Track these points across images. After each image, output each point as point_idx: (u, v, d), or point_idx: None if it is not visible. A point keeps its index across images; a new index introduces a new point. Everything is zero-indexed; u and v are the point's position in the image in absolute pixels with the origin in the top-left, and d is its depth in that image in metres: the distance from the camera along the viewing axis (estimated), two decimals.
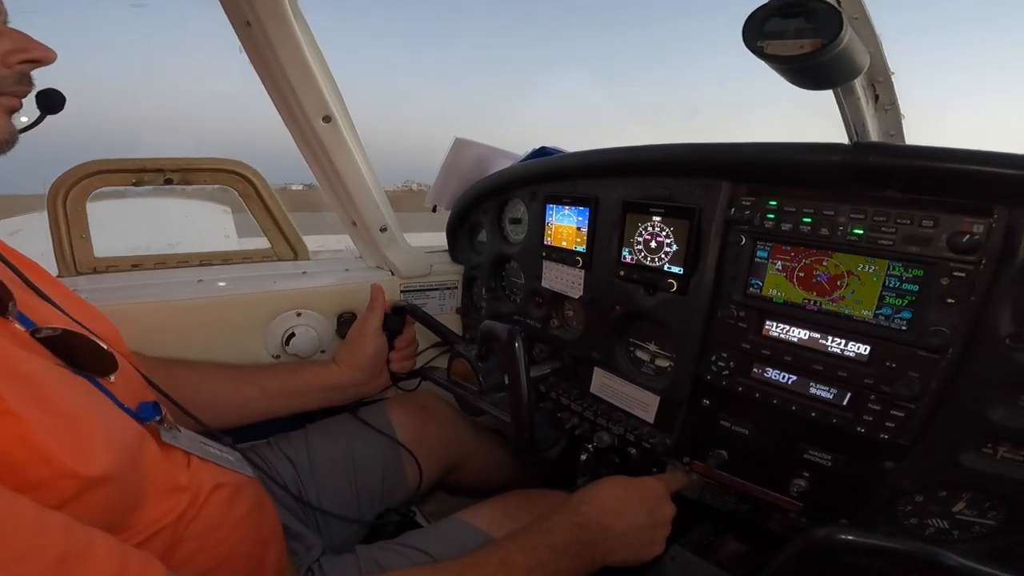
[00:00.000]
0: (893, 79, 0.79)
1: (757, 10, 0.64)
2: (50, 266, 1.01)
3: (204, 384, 0.97)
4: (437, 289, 1.34)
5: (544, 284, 1.09)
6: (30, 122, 0.63)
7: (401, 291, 1.28)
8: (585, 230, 0.97)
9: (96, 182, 1.02)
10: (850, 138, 0.82)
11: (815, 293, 0.72)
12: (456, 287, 1.37)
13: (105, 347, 0.64)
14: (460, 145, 1.27)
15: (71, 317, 0.66)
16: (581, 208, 0.97)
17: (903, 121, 0.84)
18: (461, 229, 1.34)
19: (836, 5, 0.75)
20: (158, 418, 0.71)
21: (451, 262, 1.38)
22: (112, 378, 0.66)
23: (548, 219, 1.04)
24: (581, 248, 0.98)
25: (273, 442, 1.07)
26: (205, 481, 0.71)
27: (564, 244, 1.02)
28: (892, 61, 0.76)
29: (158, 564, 0.48)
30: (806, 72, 0.63)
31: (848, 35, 0.62)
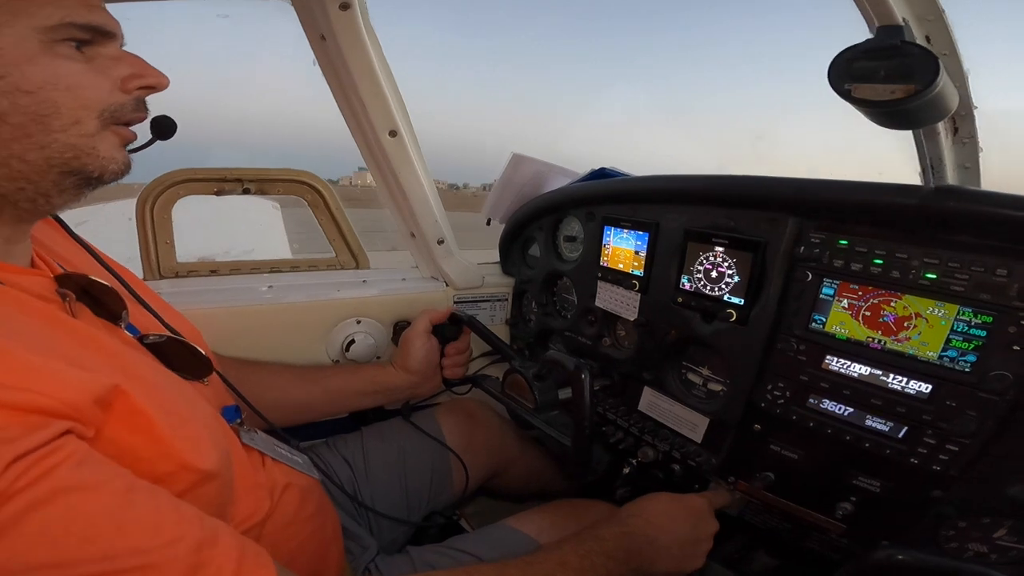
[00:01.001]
0: (975, 112, 0.78)
1: (845, 51, 0.63)
2: (135, 268, 1.08)
3: (272, 384, 1.02)
4: (488, 300, 1.37)
5: (598, 303, 1.10)
6: (139, 144, 0.62)
7: (454, 301, 1.32)
8: (643, 254, 0.98)
9: (181, 190, 1.09)
10: (924, 177, 0.81)
11: (880, 332, 0.72)
12: (506, 299, 1.40)
13: (202, 353, 0.69)
14: (517, 161, 1.30)
15: (164, 322, 0.72)
16: (640, 232, 0.98)
17: (980, 154, 0.82)
18: (514, 243, 1.37)
19: (928, 46, 0.74)
20: (239, 420, 0.77)
21: (502, 274, 1.41)
22: (206, 381, 0.72)
23: (606, 240, 1.06)
24: (638, 272, 1.00)
25: (331, 443, 1.12)
26: (278, 480, 0.76)
27: (621, 266, 1.04)
28: (976, 95, 0.75)
29: (266, 553, 0.52)
30: (894, 115, 0.63)
31: (943, 79, 0.61)
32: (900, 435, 0.71)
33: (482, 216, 1.42)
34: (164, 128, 0.62)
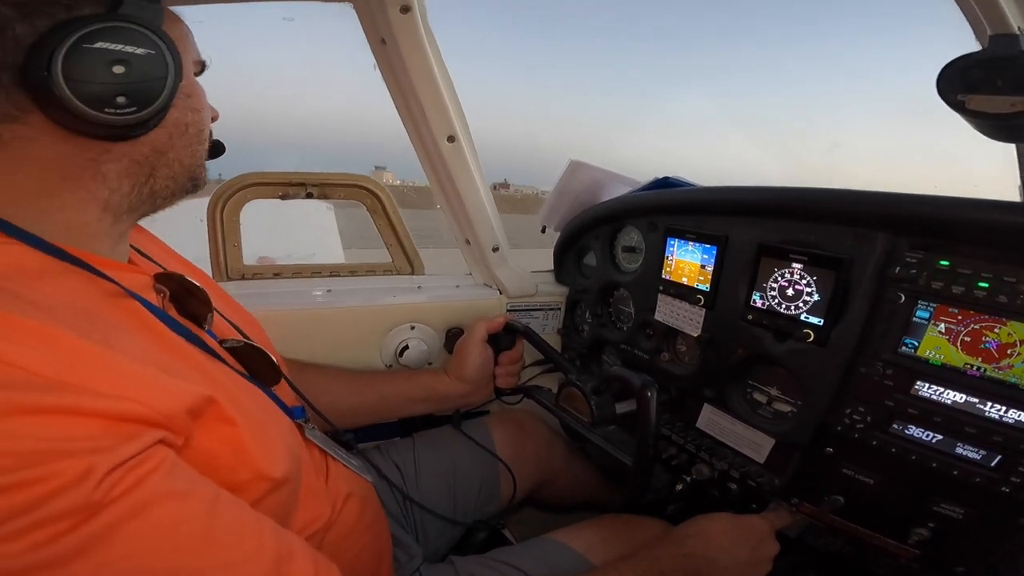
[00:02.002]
0: None
1: (957, 60, 0.59)
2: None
3: (328, 388, 1.04)
4: (541, 309, 1.36)
5: (657, 317, 1.07)
6: None
7: (507, 309, 1.31)
8: (710, 269, 0.94)
9: (249, 194, 1.13)
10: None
11: (980, 359, 0.67)
12: (559, 308, 1.38)
13: (274, 360, 0.70)
14: (575, 167, 1.28)
15: (241, 331, 0.73)
16: (708, 246, 0.94)
17: None
18: (569, 252, 1.34)
19: None
20: (304, 419, 0.78)
21: (556, 283, 1.39)
22: (277, 387, 0.73)
23: (668, 252, 1.02)
24: (704, 287, 0.96)
25: (383, 448, 1.13)
26: (340, 489, 0.76)
27: (684, 280, 1.00)
28: None
29: (335, 568, 0.52)
30: (1006, 128, 0.58)
31: None
32: (993, 463, 0.67)
33: (536, 222, 1.41)
34: (218, 149, 0.70)
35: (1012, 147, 0.86)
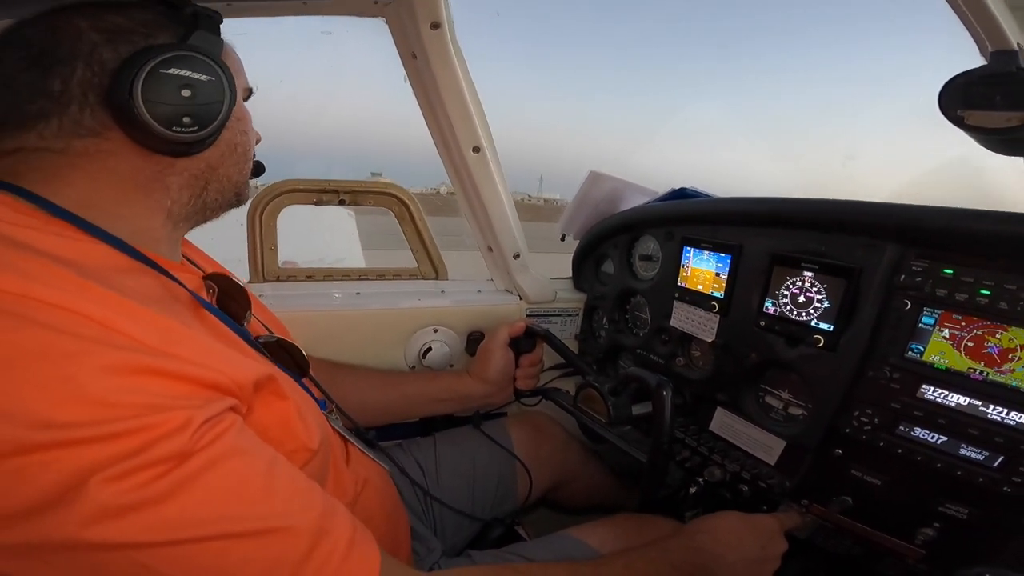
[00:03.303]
0: None
1: (957, 77, 0.63)
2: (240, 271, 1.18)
3: (355, 386, 1.09)
4: (559, 315, 1.40)
5: (673, 323, 1.11)
6: None
7: (527, 315, 1.36)
8: (724, 277, 0.98)
9: (286, 200, 1.19)
10: None
11: (983, 364, 0.70)
12: (577, 314, 1.42)
13: (303, 355, 0.76)
14: (595, 177, 1.33)
15: (269, 329, 0.79)
16: (722, 255, 0.98)
17: None
18: (588, 259, 1.39)
19: None
20: (327, 411, 0.83)
21: (574, 290, 1.43)
22: (303, 381, 0.78)
23: (684, 261, 1.06)
24: (718, 294, 1.00)
25: (404, 446, 1.17)
26: (360, 475, 0.81)
27: (700, 288, 1.04)
28: None
29: (367, 529, 0.57)
30: (1008, 143, 0.61)
31: None
32: (996, 464, 0.69)
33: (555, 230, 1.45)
34: (258, 169, 0.77)
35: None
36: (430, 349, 1.25)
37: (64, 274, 0.45)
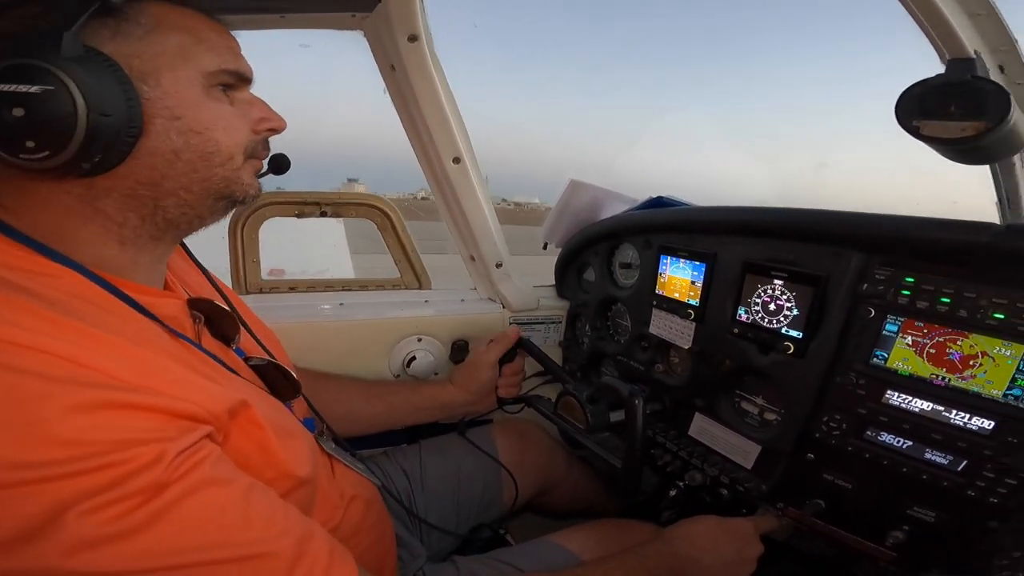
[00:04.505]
0: None
1: (913, 86, 0.63)
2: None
3: (340, 397, 1.09)
4: (543, 323, 1.41)
5: (652, 330, 1.12)
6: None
7: (510, 323, 1.37)
8: (700, 284, 1.00)
9: (267, 212, 1.20)
10: (1000, 209, 0.79)
11: (945, 370, 0.71)
12: (560, 322, 1.43)
13: (294, 377, 0.76)
14: (575, 186, 1.34)
15: (265, 348, 0.79)
16: (697, 263, 1.00)
17: None
18: (570, 267, 1.40)
19: (1002, 76, 0.74)
20: (318, 431, 0.83)
21: (557, 297, 1.45)
22: (293, 403, 0.79)
23: (662, 269, 1.08)
24: (694, 302, 1.01)
25: (390, 453, 1.18)
26: (346, 490, 0.81)
27: (676, 295, 1.05)
28: None
29: (347, 551, 0.57)
30: (966, 152, 0.62)
31: (1015, 116, 0.61)
32: (959, 468, 0.71)
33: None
34: (280, 164, 0.70)
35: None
36: (414, 358, 1.26)
37: (31, 308, 0.44)
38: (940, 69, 0.75)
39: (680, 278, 1.04)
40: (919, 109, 0.67)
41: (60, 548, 0.39)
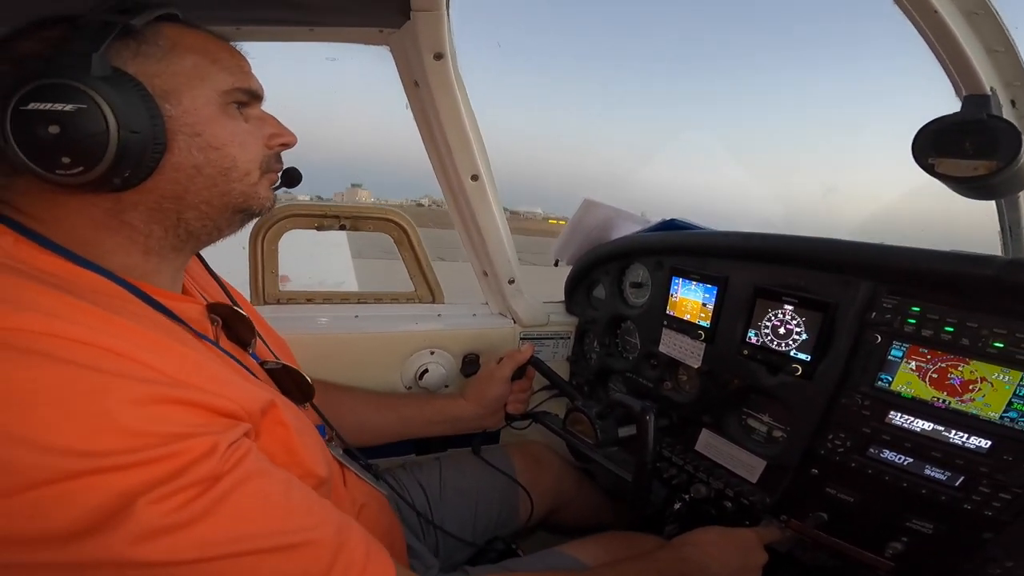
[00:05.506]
0: None
1: (931, 123, 0.66)
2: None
3: (354, 408, 1.11)
4: (552, 338, 1.44)
5: (661, 349, 1.15)
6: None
7: (520, 338, 1.40)
8: (711, 307, 1.03)
9: (288, 224, 1.22)
10: (1003, 239, 0.83)
11: (946, 393, 0.75)
12: (569, 337, 1.46)
13: (308, 382, 0.78)
14: (588, 205, 1.38)
15: (275, 355, 0.80)
16: (709, 286, 1.04)
17: None
18: (580, 284, 1.44)
19: (1014, 110, 0.77)
20: (327, 438, 0.85)
21: (566, 313, 1.48)
22: (306, 407, 0.81)
23: (673, 290, 1.11)
24: (705, 323, 1.05)
25: (408, 467, 1.20)
26: (357, 499, 0.83)
27: (687, 317, 1.08)
28: None
29: (381, 544, 0.59)
30: (976, 189, 0.66)
31: None
32: (957, 483, 0.75)
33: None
34: (293, 177, 0.72)
35: None
36: (427, 371, 1.28)
37: (82, 307, 0.46)
38: (953, 100, 0.76)
39: (691, 299, 1.08)
40: (934, 147, 0.70)
41: (127, 538, 0.40)
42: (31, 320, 0.42)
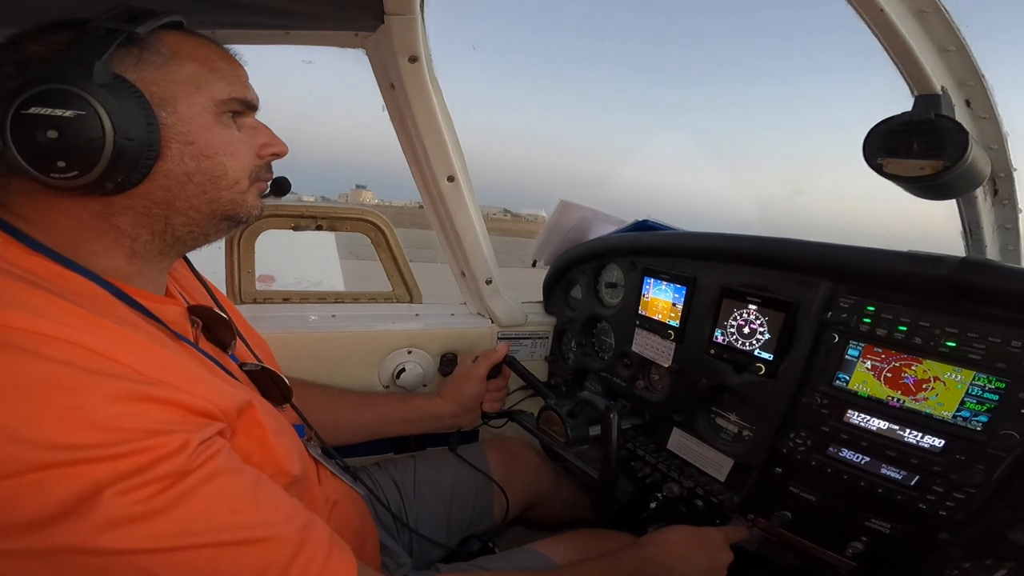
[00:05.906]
0: (1015, 175, 0.81)
1: (880, 124, 0.67)
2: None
3: (331, 406, 1.12)
4: (530, 338, 1.45)
5: (634, 349, 1.17)
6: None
7: (499, 338, 1.41)
8: (680, 307, 1.05)
9: (264, 225, 1.23)
10: (965, 239, 0.84)
11: (900, 392, 0.77)
12: (547, 337, 1.47)
13: (286, 383, 0.79)
14: (564, 206, 1.39)
15: (257, 356, 0.81)
16: (679, 286, 1.05)
17: (1020, 215, 0.85)
18: (558, 285, 1.45)
19: (968, 111, 0.78)
20: (306, 438, 0.87)
21: (544, 313, 1.49)
22: (284, 408, 0.82)
23: (645, 290, 1.13)
24: (674, 323, 1.06)
25: (382, 465, 1.20)
26: (330, 495, 0.85)
27: (658, 316, 1.10)
28: (1015, 156, 0.79)
29: (342, 540, 0.60)
30: (927, 189, 0.66)
31: (972, 154, 0.65)
32: (912, 483, 0.76)
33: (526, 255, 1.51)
34: (282, 187, 0.73)
35: None
36: (404, 370, 1.29)
37: (66, 307, 0.48)
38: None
39: (662, 300, 1.09)
40: (883, 147, 0.71)
41: (92, 526, 0.42)
42: (18, 318, 0.44)
